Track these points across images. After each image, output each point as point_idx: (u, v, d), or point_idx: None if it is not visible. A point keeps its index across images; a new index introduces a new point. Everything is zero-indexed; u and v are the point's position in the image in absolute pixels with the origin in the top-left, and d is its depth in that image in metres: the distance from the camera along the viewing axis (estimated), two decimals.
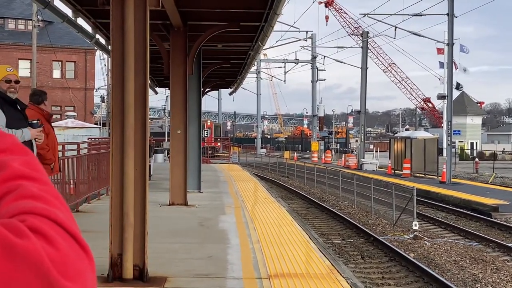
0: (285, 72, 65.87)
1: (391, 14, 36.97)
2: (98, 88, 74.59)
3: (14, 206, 0.94)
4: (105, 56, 55.97)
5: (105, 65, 76.81)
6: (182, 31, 15.27)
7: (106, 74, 64.91)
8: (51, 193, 0.99)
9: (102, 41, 18.11)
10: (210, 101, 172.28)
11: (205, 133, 67.71)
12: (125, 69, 7.77)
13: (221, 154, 63.99)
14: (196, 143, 18.79)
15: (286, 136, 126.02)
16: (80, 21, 15.51)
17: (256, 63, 67.71)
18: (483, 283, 13.03)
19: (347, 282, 8.28)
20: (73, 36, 46.17)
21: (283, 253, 10.11)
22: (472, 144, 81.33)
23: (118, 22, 7.74)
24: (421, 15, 35.75)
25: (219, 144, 73.69)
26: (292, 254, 10.04)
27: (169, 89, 17.96)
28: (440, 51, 71.14)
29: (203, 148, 65.12)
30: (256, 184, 26.48)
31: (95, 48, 37.43)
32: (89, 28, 16.65)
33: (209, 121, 77.17)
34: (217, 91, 73.27)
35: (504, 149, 79.32)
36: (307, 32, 58.14)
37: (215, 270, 8.77)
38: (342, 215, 22.19)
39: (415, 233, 18.04)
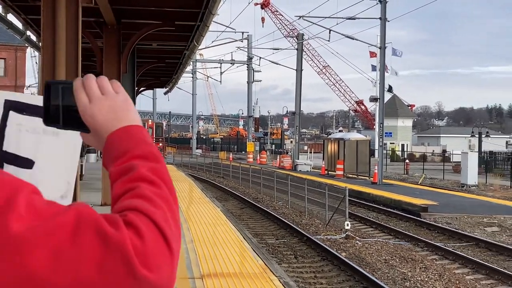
0: (221, 73, 65.97)
1: (325, 17, 37.49)
2: (29, 86, 72.81)
3: (126, 203, 1.14)
4: (37, 53, 54.78)
5: (36, 62, 75.12)
6: (116, 29, 15.07)
7: (37, 72, 63.50)
8: (162, 196, 1.18)
9: (33, 38, 17.71)
10: (144, 101, 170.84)
11: None
12: (56, 66, 7.62)
13: None
14: None
15: (222, 136, 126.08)
16: (11, 17, 15.13)
17: (191, 63, 67.48)
18: (412, 281, 13.34)
19: (280, 281, 8.34)
20: (3, 32, 44.97)
21: (216, 253, 10.11)
22: (403, 146, 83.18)
23: (49, 18, 7.58)
24: (354, 19, 36.38)
25: (161, 144, 72.73)
26: (225, 254, 10.05)
27: None
28: (373, 54, 72.50)
29: None
30: (191, 185, 26.40)
31: (26, 45, 36.57)
32: (19, 24, 16.26)
33: (150, 120, 75.95)
34: (152, 91, 72.64)
35: (433, 151, 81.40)
36: (243, 33, 58.40)
37: None
38: (276, 215, 22.33)
39: (347, 233, 18.32)
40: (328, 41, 38.62)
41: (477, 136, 73.59)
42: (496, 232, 20.26)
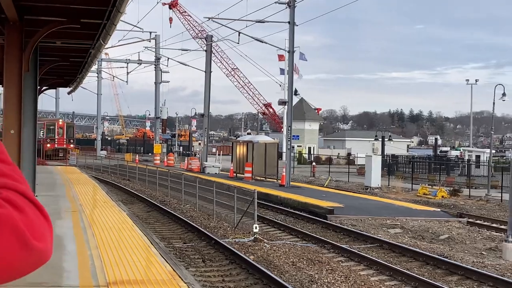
0: (128, 73, 64.93)
1: (235, 19, 37.48)
2: None
3: None
4: None
5: None
6: (18, 25, 14.44)
7: None
8: (15, 171, 1.24)
9: None
10: (46, 101, 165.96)
11: (51, 133, 64.70)
12: None
13: (58, 156, 61.47)
14: (31, 144, 17.85)
15: (128, 138, 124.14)
16: None
17: (97, 62, 65.99)
18: (319, 283, 13.44)
19: (189, 287, 8.16)
20: None
21: (123, 259, 9.81)
22: (309, 149, 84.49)
23: None
24: (264, 22, 36.51)
25: (72, 145, 70.14)
26: (132, 260, 9.77)
27: (2, 87, 16.94)
28: (281, 57, 73.35)
29: (53, 150, 61.97)
30: (96, 188, 25.74)
31: None
32: None
33: (60, 120, 73.25)
34: (55, 90, 70.54)
35: (339, 154, 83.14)
36: (151, 32, 57.66)
37: (49, 278, 8.30)
38: (184, 219, 22.08)
39: (255, 236, 18.30)
40: (238, 43, 38.62)
41: (380, 139, 75.79)
42: (399, 234, 20.80)
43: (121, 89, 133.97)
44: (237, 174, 42.78)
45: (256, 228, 18.77)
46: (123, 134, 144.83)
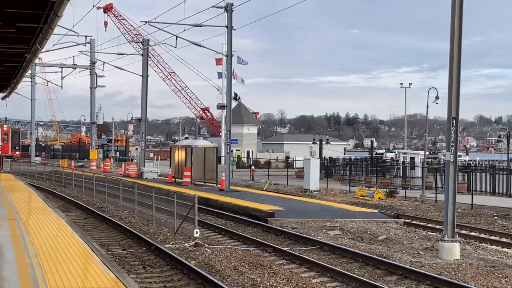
0: (62, 77, 63.67)
1: (172, 23, 37.24)
2: None
3: None
4: None
5: None
6: None
7: None
8: None
9: None
10: None
11: None
12: None
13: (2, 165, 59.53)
14: None
15: (63, 143, 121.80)
16: None
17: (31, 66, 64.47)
18: (261, 287, 13.48)
19: None
20: None
21: (64, 267, 9.63)
22: (248, 152, 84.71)
23: None
24: (201, 26, 36.43)
25: (18, 152, 67.86)
26: (74, 268, 9.60)
27: None
28: (219, 62, 73.36)
29: None
30: (32, 195, 25.18)
31: None
32: None
33: (5, 125, 70.86)
34: None
35: (277, 157, 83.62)
36: (86, 37, 56.75)
37: None
38: (123, 225, 21.81)
39: (196, 241, 18.23)
40: (175, 47, 38.39)
41: (318, 143, 76.63)
42: (339, 235, 21.07)
43: (55, 94, 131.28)
44: (176, 179, 42.53)
45: (196, 233, 18.71)
46: (57, 140, 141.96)
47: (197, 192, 25.57)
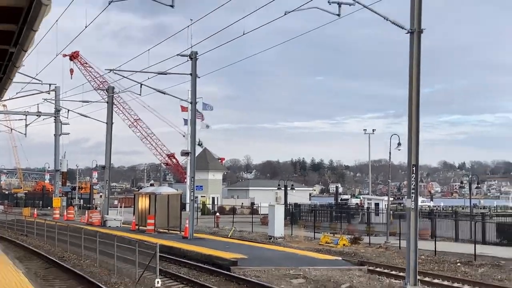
0: (26, 125, 62.93)
1: (137, 71, 37.28)
2: None
3: None
4: None
5: None
6: None
7: None
8: None
9: None
10: None
11: None
12: None
13: None
14: None
15: (26, 191, 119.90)
16: None
17: None
18: None
19: None
20: None
21: None
22: (213, 199, 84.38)
23: None
24: (166, 74, 36.56)
25: None
26: None
27: None
28: (184, 108, 73.43)
29: None
30: None
31: None
32: None
33: None
34: None
35: (242, 203, 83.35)
36: (50, 84, 56.44)
37: None
38: (84, 275, 21.45)
39: None
40: (140, 95, 38.37)
41: (283, 188, 76.66)
42: (302, 284, 20.97)
43: (20, 142, 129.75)
44: (140, 227, 42.07)
45: (158, 283, 18.46)
46: (21, 188, 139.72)
47: (160, 240, 25.31)
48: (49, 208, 74.95)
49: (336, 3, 19.78)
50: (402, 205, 70.60)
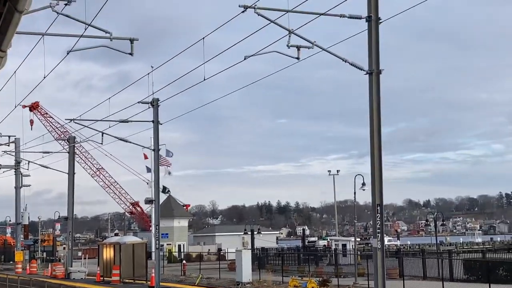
0: None
1: (98, 120, 37.00)
2: None
3: None
4: None
5: None
6: None
7: None
8: None
9: None
10: None
11: None
12: None
13: None
14: None
15: None
16: None
17: None
18: None
19: None
20: None
21: None
22: (179, 246, 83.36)
23: None
24: (127, 122, 36.33)
25: None
26: None
27: None
28: (146, 156, 72.98)
29: None
30: None
31: None
32: None
33: None
34: None
35: (209, 250, 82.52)
36: (9, 136, 55.69)
37: None
38: None
39: None
40: (101, 143, 38.00)
41: (250, 233, 76.16)
42: None
43: None
44: (105, 278, 41.24)
45: None
46: None
47: None
48: (11, 262, 73.12)
49: (295, 46, 19.93)
50: (369, 245, 70.73)
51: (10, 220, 78.25)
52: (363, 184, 42.11)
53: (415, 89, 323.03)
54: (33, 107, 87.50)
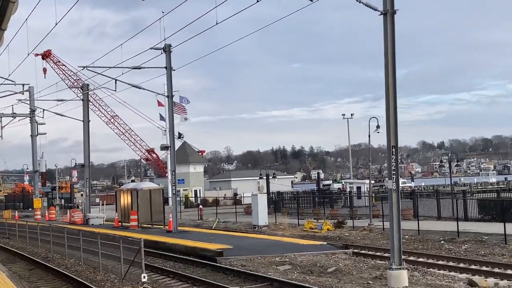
0: (2, 127, 62.33)
1: (111, 67, 36.97)
2: None
3: None
4: None
5: None
6: None
7: None
8: None
9: None
10: None
11: None
12: None
13: None
14: None
15: (6, 194, 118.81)
16: None
17: None
18: None
19: None
20: None
21: None
22: (196, 191, 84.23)
23: None
24: (140, 68, 36.27)
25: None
26: None
27: None
28: (160, 103, 73.07)
29: None
30: None
31: None
32: None
33: None
34: None
35: (225, 194, 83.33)
36: (23, 85, 55.86)
37: None
38: (69, 274, 21.29)
39: (144, 285, 17.90)
40: (115, 91, 38.06)
41: (265, 178, 76.68)
42: (288, 270, 20.98)
43: None
44: (123, 223, 41.88)
45: (144, 277, 18.36)
46: (0, 191, 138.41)
47: (144, 235, 25.21)
48: (30, 209, 74.30)
49: None
50: (383, 187, 71.08)
51: (27, 168, 79.21)
52: (378, 127, 42.03)
53: (429, 30, 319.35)
54: (46, 55, 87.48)
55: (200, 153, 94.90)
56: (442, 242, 28.87)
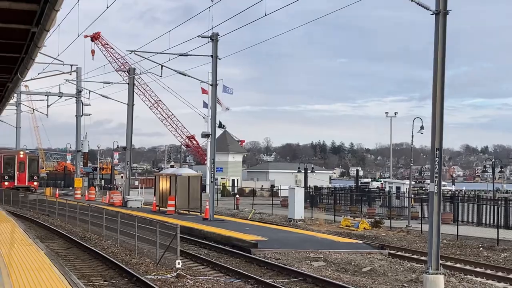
0: (48, 106, 63.36)
1: (158, 53, 37.21)
2: None
3: None
4: None
5: None
6: None
7: None
8: None
9: None
10: None
11: (10, 168, 61.16)
12: None
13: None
14: None
15: (48, 171, 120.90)
16: None
17: (16, 95, 64.21)
18: None
19: None
20: None
21: None
22: (233, 181, 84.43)
23: None
24: (186, 55, 36.44)
25: (36, 183, 65.14)
26: None
27: None
28: (204, 91, 73.45)
29: (12, 189, 57.14)
30: (13, 225, 24.84)
31: None
32: None
33: (22, 152, 67.72)
34: None
35: (262, 186, 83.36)
36: (71, 65, 56.55)
37: None
38: (105, 255, 21.54)
39: (178, 272, 18.00)
40: (160, 76, 38.34)
41: (303, 171, 76.52)
42: (322, 267, 20.89)
43: (42, 122, 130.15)
44: (160, 208, 42.23)
45: (178, 263, 18.48)
46: (43, 168, 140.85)
47: (181, 222, 25.35)
48: (70, 188, 75.49)
49: None
50: (423, 188, 70.28)
51: (70, 147, 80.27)
52: (422, 127, 41.53)
53: (481, 32, 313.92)
54: (95, 37, 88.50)
55: (240, 143, 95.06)
56: (481, 249, 28.41)
